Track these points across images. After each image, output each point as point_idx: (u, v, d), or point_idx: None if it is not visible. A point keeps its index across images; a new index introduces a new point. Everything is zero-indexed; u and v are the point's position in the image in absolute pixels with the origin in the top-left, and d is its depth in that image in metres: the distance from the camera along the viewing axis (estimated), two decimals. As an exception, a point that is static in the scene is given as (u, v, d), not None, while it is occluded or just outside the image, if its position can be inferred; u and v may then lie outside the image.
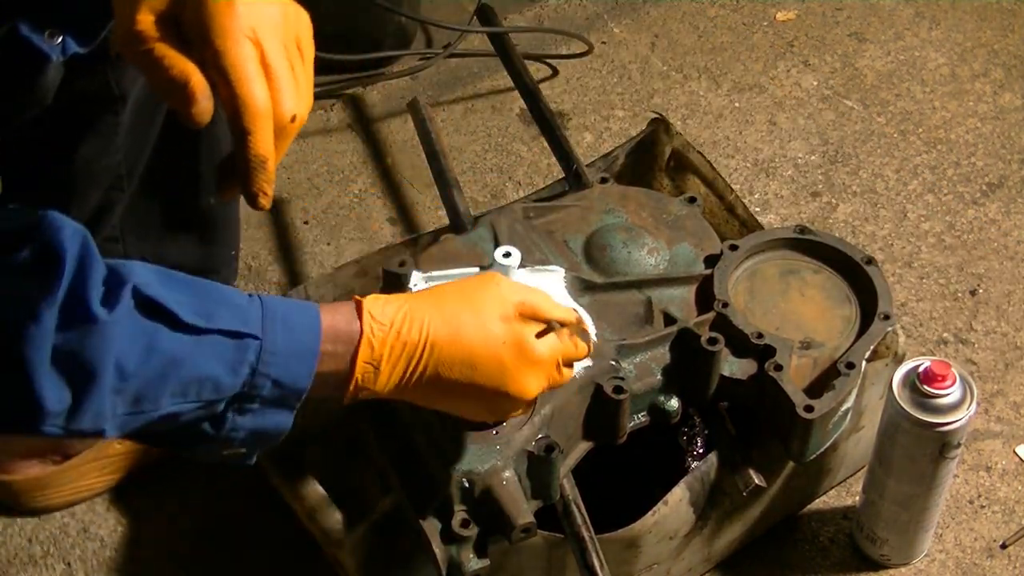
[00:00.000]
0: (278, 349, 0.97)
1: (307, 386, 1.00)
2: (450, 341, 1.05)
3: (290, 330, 0.98)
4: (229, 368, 0.95)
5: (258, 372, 0.97)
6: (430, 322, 1.05)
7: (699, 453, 1.36)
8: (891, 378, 1.33)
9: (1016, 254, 1.76)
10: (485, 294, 1.10)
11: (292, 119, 0.93)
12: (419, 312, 1.05)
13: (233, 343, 0.95)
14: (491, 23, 1.85)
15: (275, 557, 1.45)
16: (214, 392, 0.95)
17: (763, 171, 1.86)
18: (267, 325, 0.97)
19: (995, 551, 1.47)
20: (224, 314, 0.96)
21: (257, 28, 0.92)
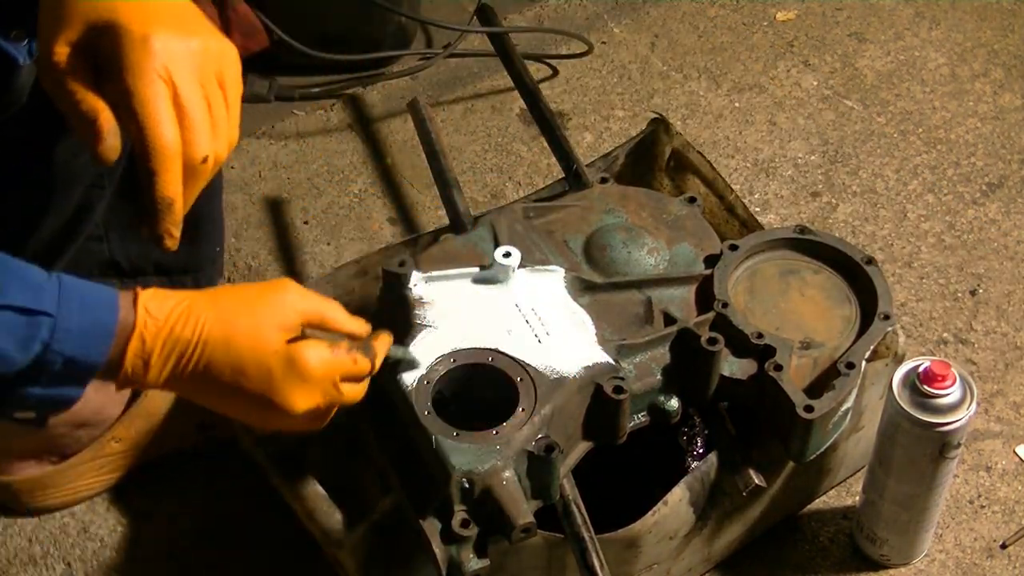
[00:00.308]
0: (72, 326, 0.96)
1: (101, 363, 0.98)
2: (222, 342, 1.03)
3: (87, 308, 0.97)
4: (19, 344, 0.94)
5: (50, 348, 0.95)
6: (205, 321, 1.03)
7: (699, 453, 1.36)
8: (891, 378, 1.33)
9: (1016, 254, 1.76)
10: (269, 300, 1.07)
11: (204, 160, 0.91)
12: (196, 310, 1.03)
13: (24, 319, 0.94)
14: (491, 23, 1.85)
15: (275, 557, 1.45)
16: (2, 366, 0.94)
17: (763, 171, 1.86)
18: (63, 301, 0.96)
19: (995, 551, 1.47)
20: (17, 290, 0.95)
21: (172, 66, 0.90)
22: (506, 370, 1.28)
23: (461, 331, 1.31)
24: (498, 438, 1.22)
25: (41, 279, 0.97)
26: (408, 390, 1.26)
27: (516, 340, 1.30)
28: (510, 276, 1.35)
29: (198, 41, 0.92)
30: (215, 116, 0.93)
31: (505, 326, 1.31)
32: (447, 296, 1.34)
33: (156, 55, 0.89)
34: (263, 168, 1.86)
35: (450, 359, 1.28)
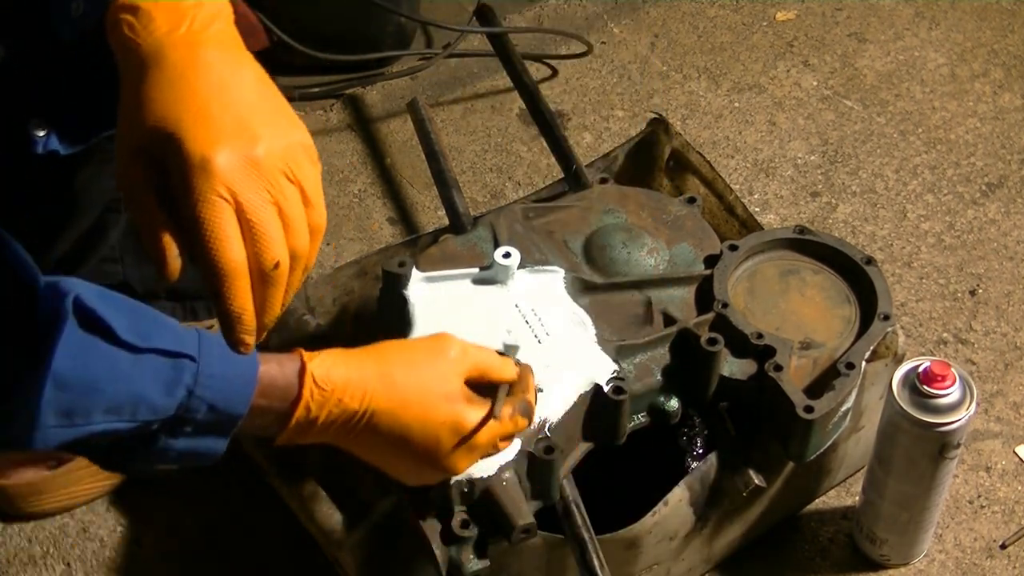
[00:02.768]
0: (215, 372, 0.96)
1: (243, 412, 0.99)
2: (389, 413, 1.06)
3: (227, 356, 0.97)
4: (165, 389, 0.94)
5: (194, 395, 0.96)
6: (372, 392, 1.05)
7: (699, 453, 1.36)
8: (891, 378, 1.33)
9: (1016, 254, 1.76)
10: (434, 367, 1.10)
11: (276, 265, 0.90)
12: (363, 380, 1.05)
13: (170, 362, 0.94)
14: (491, 23, 1.85)
15: (275, 557, 1.45)
16: (149, 413, 0.94)
17: (763, 171, 1.86)
18: (204, 349, 0.96)
19: (995, 551, 1.47)
20: (161, 335, 0.95)
21: (234, 184, 0.89)
22: (506, 370, 1.28)
23: (461, 331, 1.30)
24: (498, 438, 1.22)
25: (182, 329, 0.97)
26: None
27: (516, 341, 1.30)
28: (510, 276, 1.35)
29: (263, 146, 0.91)
30: (288, 216, 0.91)
31: (505, 326, 1.31)
32: (447, 296, 1.34)
33: (217, 177, 0.88)
34: (263, 168, 1.85)
35: (450, 359, 1.28)
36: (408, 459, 1.10)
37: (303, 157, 0.94)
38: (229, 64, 0.94)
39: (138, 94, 0.91)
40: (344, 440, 1.08)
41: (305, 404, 1.03)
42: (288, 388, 1.02)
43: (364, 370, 1.06)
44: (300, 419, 1.03)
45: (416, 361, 1.10)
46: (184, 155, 0.88)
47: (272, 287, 0.91)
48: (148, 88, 0.91)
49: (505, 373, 1.15)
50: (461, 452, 1.11)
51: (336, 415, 1.04)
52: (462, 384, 1.11)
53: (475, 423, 1.10)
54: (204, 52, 0.93)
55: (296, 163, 0.92)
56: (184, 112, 0.89)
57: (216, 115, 0.90)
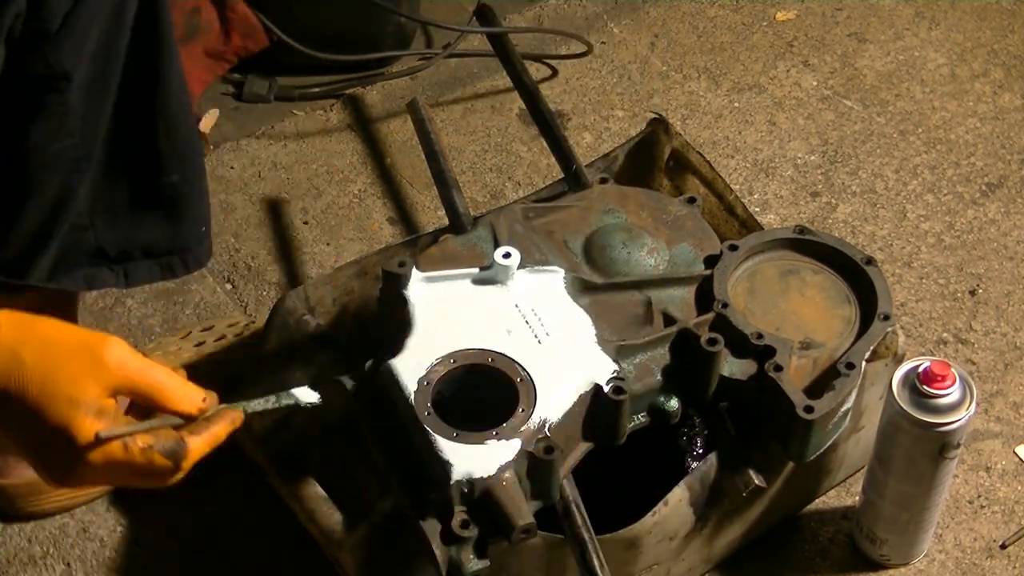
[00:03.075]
0: None
1: None
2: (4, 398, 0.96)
3: None
4: None
5: None
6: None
7: (699, 453, 1.36)
8: (891, 378, 1.33)
9: (1016, 254, 1.76)
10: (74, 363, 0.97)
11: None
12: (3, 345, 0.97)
13: None
14: (490, 23, 1.84)
15: (275, 557, 1.45)
16: None
17: (763, 171, 1.86)
18: None
19: (995, 551, 1.47)
20: None
21: None
22: (506, 370, 1.28)
23: (461, 332, 1.31)
24: (498, 439, 1.22)
25: None
26: (408, 391, 1.26)
27: (516, 341, 1.30)
28: (510, 277, 1.35)
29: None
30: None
31: (505, 327, 1.31)
32: (447, 297, 1.34)
33: None
34: (263, 168, 1.86)
35: (450, 360, 1.28)
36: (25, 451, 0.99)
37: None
38: None
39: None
40: None
41: None
42: None
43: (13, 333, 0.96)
44: None
45: (57, 350, 0.97)
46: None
47: None
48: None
49: (176, 403, 1.00)
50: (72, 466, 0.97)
51: None
52: (102, 394, 0.97)
53: (88, 438, 0.96)
54: None
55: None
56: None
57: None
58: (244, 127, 1.91)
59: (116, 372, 0.97)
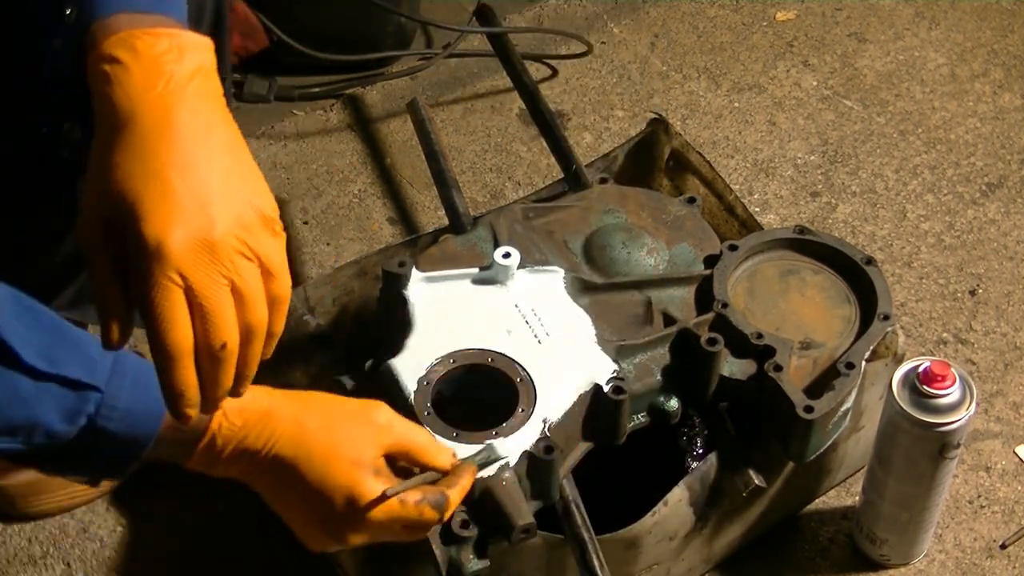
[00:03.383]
0: (119, 405, 0.96)
1: (146, 445, 0.98)
2: (290, 462, 1.03)
3: (139, 386, 0.96)
4: (65, 417, 0.94)
5: (95, 425, 0.95)
6: (280, 436, 1.03)
7: (699, 453, 1.36)
8: (891, 378, 1.33)
9: (1016, 254, 1.76)
10: (352, 428, 1.06)
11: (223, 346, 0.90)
12: (274, 422, 1.03)
13: (73, 393, 0.94)
14: (490, 23, 1.84)
15: (275, 557, 1.45)
16: (46, 437, 0.94)
17: (763, 171, 1.86)
18: (114, 379, 0.96)
19: (995, 551, 1.47)
20: (71, 361, 0.94)
21: (186, 268, 0.88)
22: (506, 370, 1.28)
23: (461, 332, 1.31)
24: (498, 439, 1.22)
25: (97, 353, 0.96)
26: (408, 391, 1.26)
27: (516, 341, 1.30)
28: (510, 277, 1.35)
29: (220, 227, 0.89)
30: (243, 293, 0.90)
31: (505, 327, 1.31)
32: (447, 297, 1.34)
33: (170, 261, 0.87)
34: (263, 168, 1.82)
35: (450, 360, 1.28)
36: (302, 515, 1.06)
37: (262, 231, 0.93)
38: (201, 128, 0.92)
39: (106, 157, 0.90)
40: (249, 479, 1.05)
41: (211, 435, 1.01)
42: (199, 419, 0.98)
43: (279, 411, 1.03)
44: (204, 451, 1.01)
45: (336, 417, 1.06)
46: (140, 236, 0.88)
47: (220, 365, 0.91)
48: (116, 153, 0.90)
49: (435, 459, 1.10)
50: (353, 524, 1.06)
51: (240, 452, 1.02)
52: (378, 455, 1.06)
53: (371, 496, 1.04)
54: (177, 117, 0.91)
55: (254, 238, 0.92)
56: (145, 189, 0.88)
57: (177, 193, 0.89)
58: (244, 127, 1.86)
59: (388, 433, 1.07)
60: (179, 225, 0.88)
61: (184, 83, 0.92)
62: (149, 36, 0.92)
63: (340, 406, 1.08)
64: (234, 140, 0.95)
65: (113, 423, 0.96)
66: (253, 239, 0.91)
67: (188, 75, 0.92)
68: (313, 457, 1.03)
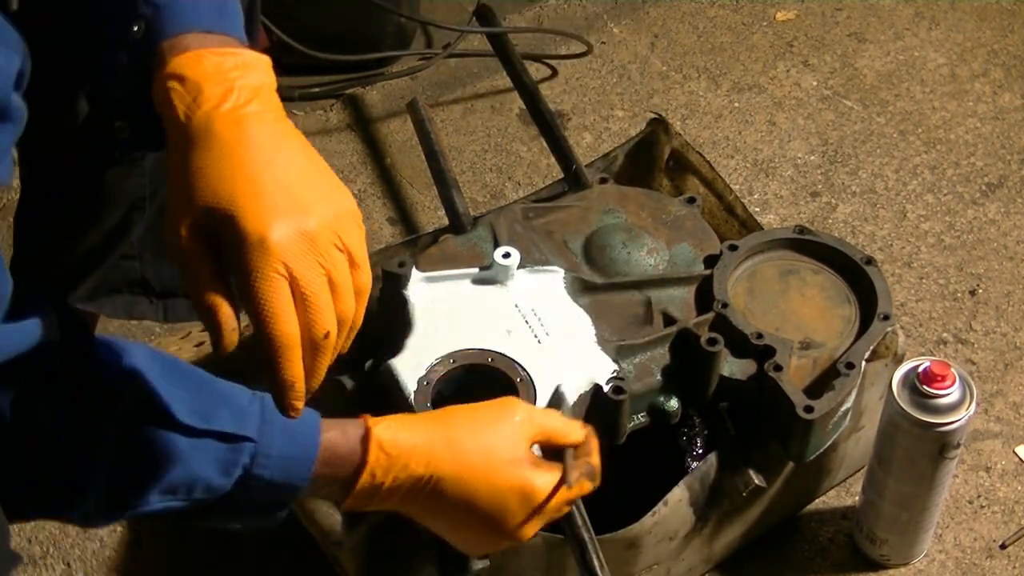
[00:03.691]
0: (273, 452, 0.98)
1: (302, 487, 1.00)
2: (456, 479, 1.05)
3: (289, 432, 0.98)
4: (222, 470, 0.96)
5: (251, 474, 0.97)
6: (439, 457, 1.04)
7: (699, 453, 1.36)
8: (891, 378, 1.33)
9: (1016, 254, 1.76)
10: (499, 431, 1.08)
11: (326, 335, 0.92)
12: (428, 445, 1.04)
13: (227, 446, 0.96)
14: (490, 23, 1.85)
15: (275, 557, 1.45)
16: (205, 492, 0.96)
17: (762, 171, 1.86)
18: (265, 426, 0.98)
19: (995, 551, 1.47)
20: (222, 414, 0.96)
21: (290, 260, 0.90)
22: (506, 370, 1.28)
23: (461, 332, 1.31)
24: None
25: (244, 402, 0.98)
26: (408, 391, 1.26)
27: (516, 341, 1.30)
28: (510, 276, 1.35)
29: (315, 219, 0.92)
30: (337, 284, 0.93)
31: (505, 327, 1.31)
32: (447, 297, 1.34)
33: (274, 253, 0.89)
34: (263, 168, 1.85)
35: (450, 360, 1.28)
36: (475, 526, 1.08)
37: (351, 223, 0.95)
38: (276, 138, 0.95)
39: (189, 170, 0.92)
40: (410, 507, 1.06)
41: (371, 470, 1.02)
42: (351, 454, 1.02)
43: (430, 434, 1.05)
44: (365, 485, 1.02)
45: (481, 425, 1.08)
46: (241, 233, 0.89)
47: (321, 354, 0.93)
48: (199, 164, 0.92)
49: (571, 436, 1.12)
50: (530, 518, 1.08)
51: (402, 480, 1.03)
52: (528, 449, 1.09)
53: (544, 488, 1.08)
54: (251, 127, 0.93)
55: (345, 230, 0.94)
56: (237, 189, 0.91)
57: (268, 191, 0.91)
58: (244, 127, 1.91)
59: (530, 425, 1.09)
60: (278, 219, 0.90)
61: (251, 97, 0.94)
62: (216, 55, 0.95)
63: (482, 414, 1.10)
64: (307, 146, 0.98)
65: (268, 470, 0.98)
66: (344, 231, 0.94)
67: (254, 90, 0.95)
68: (475, 468, 1.05)
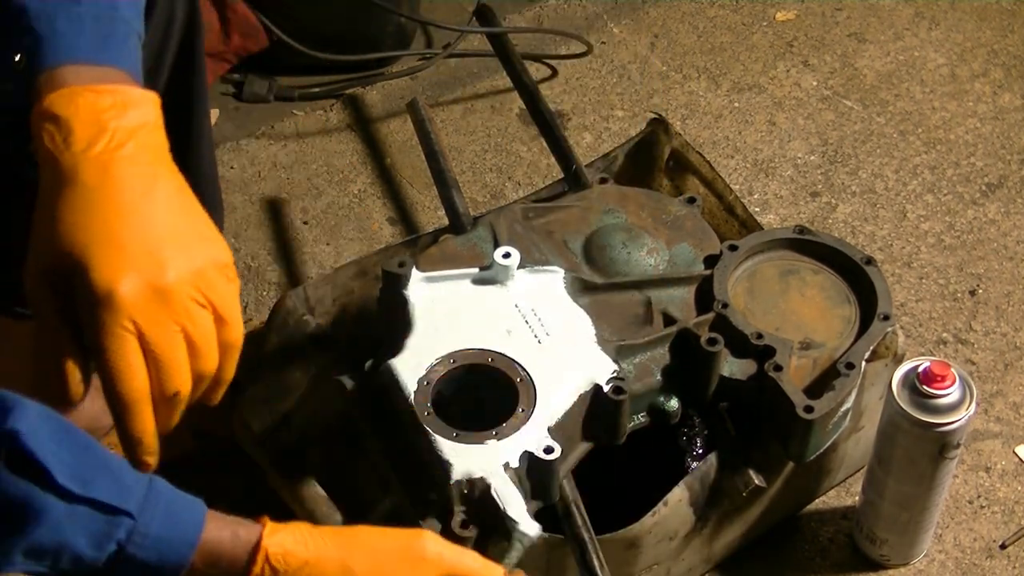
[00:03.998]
0: (152, 532, 0.93)
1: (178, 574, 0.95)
2: None
3: (173, 513, 0.94)
4: (94, 542, 0.91)
5: (125, 552, 0.92)
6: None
7: (699, 453, 1.36)
8: (891, 378, 1.33)
9: (1016, 254, 1.76)
10: (403, 567, 1.02)
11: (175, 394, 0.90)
12: (320, 569, 0.99)
13: (104, 517, 0.91)
14: (490, 23, 1.84)
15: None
16: (73, 563, 0.91)
17: (762, 171, 1.86)
18: (149, 503, 0.93)
19: (995, 551, 1.47)
20: (105, 483, 0.91)
21: (139, 316, 0.87)
22: (506, 370, 1.28)
23: (461, 332, 1.31)
24: (498, 438, 1.22)
25: (131, 479, 0.94)
26: (408, 391, 1.26)
27: (516, 341, 1.30)
28: (510, 277, 1.35)
29: (172, 273, 0.89)
30: (195, 341, 0.90)
31: (505, 327, 1.31)
32: (447, 297, 1.34)
33: (122, 309, 0.87)
34: (262, 168, 1.86)
35: (450, 360, 1.28)
36: None
37: (216, 277, 0.92)
38: (145, 183, 0.91)
39: (50, 214, 0.89)
40: None
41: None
42: (235, 560, 0.97)
43: (325, 556, 0.99)
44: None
45: (384, 557, 1.02)
46: (90, 286, 0.87)
47: (172, 409, 0.91)
48: (60, 209, 0.89)
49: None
50: None
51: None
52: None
53: None
54: (119, 171, 0.90)
55: (208, 285, 0.91)
56: (92, 239, 0.88)
57: (125, 242, 0.88)
58: (244, 127, 1.91)
59: (438, 566, 1.03)
60: (129, 272, 0.87)
61: (125, 139, 0.91)
62: (91, 93, 0.91)
63: (386, 543, 1.04)
64: (180, 191, 0.94)
65: (144, 551, 0.93)
66: (207, 285, 0.91)
67: (130, 131, 0.91)
68: None
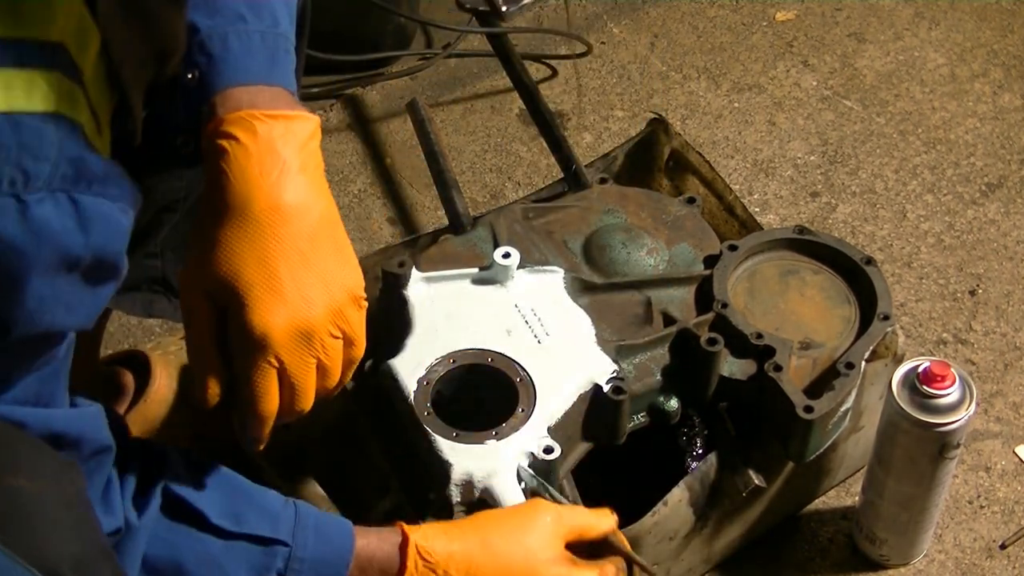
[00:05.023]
0: (307, 556, 1.00)
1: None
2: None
3: (323, 535, 1.01)
4: (255, 574, 0.98)
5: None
6: (478, 562, 1.06)
7: (699, 453, 1.36)
8: (891, 378, 1.33)
9: (1016, 254, 1.76)
10: (533, 533, 1.10)
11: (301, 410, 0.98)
12: (466, 551, 1.06)
13: (261, 549, 0.98)
14: (490, 23, 1.84)
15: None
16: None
17: (762, 171, 1.86)
18: (298, 532, 1.00)
19: (994, 551, 1.47)
20: (255, 518, 0.99)
21: (284, 353, 0.95)
22: (506, 370, 1.28)
23: (460, 332, 1.31)
24: (497, 438, 1.22)
25: (278, 507, 1.01)
26: (408, 391, 1.26)
27: (516, 341, 1.30)
28: (509, 277, 1.35)
29: (317, 312, 0.96)
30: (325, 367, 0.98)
31: (504, 327, 1.31)
32: (446, 297, 1.34)
33: (271, 348, 0.94)
34: (263, 168, 1.85)
35: (450, 360, 1.29)
36: None
37: (350, 309, 0.99)
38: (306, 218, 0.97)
39: (214, 233, 0.95)
40: None
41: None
42: (389, 562, 1.04)
43: (466, 540, 1.07)
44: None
45: (515, 529, 1.10)
46: (247, 325, 0.94)
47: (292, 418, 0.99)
48: (225, 232, 0.94)
49: (601, 526, 1.15)
50: None
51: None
52: (563, 548, 1.11)
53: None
54: (286, 205, 0.95)
55: (343, 317, 0.98)
56: (254, 280, 0.94)
57: (283, 285, 0.95)
58: (244, 127, 1.90)
59: (560, 525, 1.11)
60: (282, 316, 0.94)
61: (295, 168, 0.96)
62: (267, 118, 0.96)
63: (513, 518, 1.12)
64: (331, 219, 1.00)
65: (302, 575, 1.00)
66: (342, 319, 0.98)
67: (299, 158, 0.96)
68: (514, 572, 1.07)
